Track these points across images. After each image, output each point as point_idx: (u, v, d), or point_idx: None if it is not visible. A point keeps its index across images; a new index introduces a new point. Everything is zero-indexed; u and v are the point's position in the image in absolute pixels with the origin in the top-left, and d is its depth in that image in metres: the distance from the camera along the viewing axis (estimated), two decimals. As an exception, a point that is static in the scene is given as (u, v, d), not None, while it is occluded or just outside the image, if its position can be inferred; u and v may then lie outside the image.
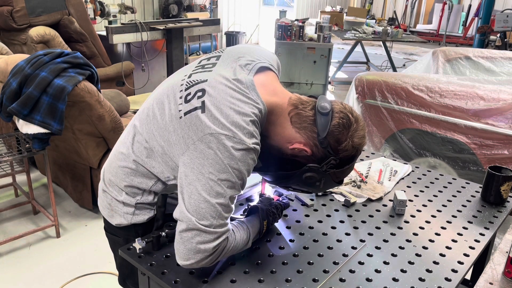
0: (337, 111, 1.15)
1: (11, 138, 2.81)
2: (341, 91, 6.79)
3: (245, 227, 1.17)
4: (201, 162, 1.01)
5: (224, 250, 1.06)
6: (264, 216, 1.24)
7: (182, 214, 1.03)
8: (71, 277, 2.42)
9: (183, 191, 1.04)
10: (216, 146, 1.01)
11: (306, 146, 1.15)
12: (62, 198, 3.24)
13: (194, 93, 1.09)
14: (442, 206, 1.55)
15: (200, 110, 1.05)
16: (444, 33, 11.61)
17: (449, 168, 2.83)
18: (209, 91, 1.08)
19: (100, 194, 1.33)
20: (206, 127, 1.02)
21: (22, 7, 4.00)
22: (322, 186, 1.20)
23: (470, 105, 2.67)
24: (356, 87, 3.23)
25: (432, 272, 1.17)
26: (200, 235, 1.01)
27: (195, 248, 1.01)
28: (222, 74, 1.13)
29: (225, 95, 1.06)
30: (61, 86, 2.38)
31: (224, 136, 1.01)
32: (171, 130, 1.09)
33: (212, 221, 1.01)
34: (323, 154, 1.15)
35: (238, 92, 1.08)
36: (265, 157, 1.19)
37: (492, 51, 3.80)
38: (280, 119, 1.16)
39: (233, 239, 1.10)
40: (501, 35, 7.85)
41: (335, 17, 7.97)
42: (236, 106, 1.05)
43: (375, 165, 1.82)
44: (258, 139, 1.07)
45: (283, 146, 1.17)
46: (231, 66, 1.16)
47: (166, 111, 1.12)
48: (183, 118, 1.07)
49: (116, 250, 1.31)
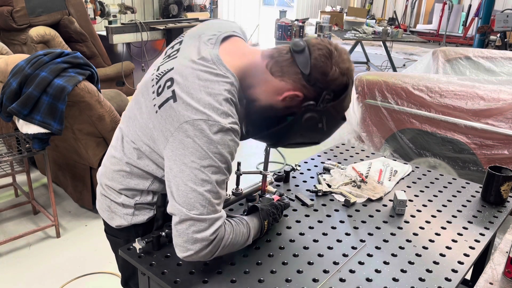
0: (313, 44, 1.10)
1: (11, 138, 2.81)
2: (341, 91, 6.79)
3: (244, 223, 1.17)
4: (181, 153, 1.01)
5: (223, 241, 1.06)
6: (264, 216, 1.24)
7: (173, 207, 1.02)
8: (71, 277, 2.42)
9: (170, 185, 1.03)
10: (193, 133, 0.99)
11: (296, 91, 1.10)
12: (62, 198, 3.24)
13: (164, 84, 1.08)
14: (442, 206, 1.55)
15: (172, 99, 1.04)
16: (444, 33, 11.61)
17: (449, 168, 2.83)
18: (177, 79, 1.06)
19: (99, 197, 1.33)
20: (180, 116, 1.01)
21: (22, 7, 4.00)
22: (326, 128, 1.14)
23: (470, 105, 2.67)
24: (356, 87, 3.23)
25: (432, 272, 1.17)
26: (194, 224, 1.00)
27: (192, 238, 1.01)
28: (187, 57, 1.11)
29: (193, 79, 1.05)
30: (61, 86, 2.38)
31: (199, 121, 0.99)
32: (151, 127, 1.10)
33: (203, 209, 1.00)
34: (315, 93, 1.10)
35: (205, 71, 1.06)
36: (261, 121, 1.16)
37: (492, 51, 3.80)
38: (259, 77, 1.12)
39: (231, 231, 1.09)
40: (501, 35, 7.84)
41: (335, 17, 7.98)
42: (206, 87, 1.03)
43: (375, 165, 1.82)
44: (235, 118, 1.05)
45: (274, 101, 1.13)
46: (195, 46, 1.14)
47: (143, 109, 1.13)
48: (158, 112, 1.07)
49: (118, 252, 1.31)
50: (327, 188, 1.60)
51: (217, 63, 1.08)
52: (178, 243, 1.03)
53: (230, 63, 1.10)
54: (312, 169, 1.79)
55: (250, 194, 1.52)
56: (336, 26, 7.73)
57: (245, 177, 1.51)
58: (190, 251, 1.02)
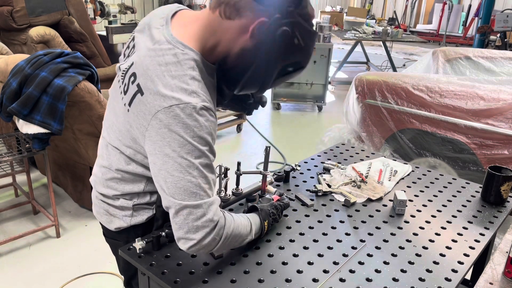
0: None
1: (11, 138, 2.81)
2: (341, 91, 6.80)
3: (245, 217, 1.17)
4: (160, 145, 0.99)
5: (225, 229, 1.04)
6: (264, 217, 1.24)
7: (166, 200, 1.01)
8: (71, 277, 2.42)
9: (158, 180, 1.02)
10: (167, 122, 0.97)
11: (258, 17, 1.03)
12: (62, 198, 3.24)
13: (128, 81, 1.07)
14: (442, 206, 1.55)
15: (139, 93, 1.02)
16: (444, 33, 11.62)
17: (449, 168, 2.84)
18: (138, 72, 1.05)
19: (95, 202, 1.32)
20: (151, 108, 0.99)
21: (22, 7, 4.00)
22: (303, 42, 1.07)
23: (470, 105, 2.67)
24: (356, 87, 3.23)
25: (432, 272, 1.17)
26: (191, 212, 0.99)
27: (193, 227, 0.99)
28: (143, 47, 1.09)
29: (153, 67, 1.02)
30: (61, 86, 2.38)
31: (171, 108, 0.97)
32: (128, 128, 1.09)
33: (195, 196, 0.99)
34: (276, 10, 1.03)
35: (163, 55, 1.03)
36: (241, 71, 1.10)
37: (492, 51, 3.80)
38: (219, 30, 1.06)
39: (232, 220, 1.08)
40: (501, 35, 7.85)
41: (335, 17, 7.98)
42: (169, 71, 1.00)
43: (375, 165, 1.82)
44: (207, 95, 1.02)
45: (243, 43, 1.06)
46: (147, 35, 1.12)
47: (118, 112, 1.12)
48: (130, 110, 1.06)
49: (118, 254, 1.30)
50: (327, 188, 1.60)
51: (173, 42, 1.04)
52: (180, 236, 1.01)
53: (186, 35, 1.06)
54: (312, 169, 1.79)
55: (250, 194, 1.52)
56: (336, 26, 7.73)
57: (245, 177, 1.51)
58: (193, 240, 1.00)
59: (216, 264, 1.15)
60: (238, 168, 1.48)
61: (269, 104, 5.99)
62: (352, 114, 3.31)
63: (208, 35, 1.07)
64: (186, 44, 1.05)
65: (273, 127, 5.20)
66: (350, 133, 3.43)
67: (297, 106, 6.05)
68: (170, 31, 1.07)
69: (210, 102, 1.03)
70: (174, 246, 1.22)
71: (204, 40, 1.07)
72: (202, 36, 1.07)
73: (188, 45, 1.05)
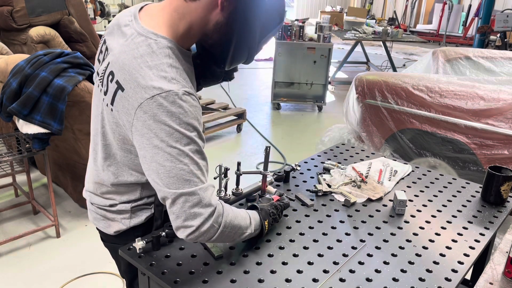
0: None
1: (11, 138, 2.81)
2: (341, 91, 6.80)
3: (243, 210, 1.17)
4: (148, 137, 0.98)
5: (223, 217, 1.04)
6: (264, 216, 1.24)
7: (161, 192, 1.01)
8: (71, 277, 2.42)
9: (150, 173, 1.01)
10: (151, 113, 0.96)
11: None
12: (62, 198, 3.24)
13: (107, 81, 1.07)
14: (442, 206, 1.55)
15: (120, 90, 1.02)
16: (444, 33, 11.62)
17: (449, 168, 2.84)
18: (115, 69, 1.04)
19: (91, 209, 1.32)
20: (134, 102, 0.99)
21: (22, 7, 4.00)
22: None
23: (470, 105, 2.67)
24: (356, 87, 3.23)
25: (432, 272, 1.17)
26: (187, 200, 0.98)
27: (191, 214, 0.99)
28: (116, 46, 1.08)
29: (129, 61, 1.01)
30: (61, 86, 2.38)
31: (153, 98, 0.96)
32: (115, 128, 1.09)
33: (189, 183, 0.99)
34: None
35: (137, 48, 1.02)
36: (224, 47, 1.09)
37: (492, 51, 3.80)
38: (187, 14, 1.05)
39: (230, 209, 1.08)
40: (501, 35, 7.85)
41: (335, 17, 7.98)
42: (145, 62, 1.00)
43: (375, 165, 1.82)
44: (186, 80, 1.02)
45: (217, 18, 1.05)
46: (118, 34, 1.11)
47: (105, 116, 1.11)
48: (113, 109, 1.05)
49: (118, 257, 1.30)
50: (327, 188, 1.60)
51: (144, 33, 1.04)
52: (179, 225, 1.00)
53: (156, 25, 1.05)
54: (312, 169, 1.79)
55: (250, 194, 1.52)
56: (336, 26, 7.73)
57: (245, 177, 1.51)
58: (192, 227, 0.99)
59: (216, 264, 1.15)
60: (238, 168, 1.48)
61: (269, 104, 6.00)
62: (352, 114, 3.31)
63: (178, 21, 1.06)
64: (158, 33, 1.04)
65: (273, 127, 5.20)
66: (350, 133, 3.43)
67: (297, 106, 6.05)
68: (140, 24, 1.07)
69: (191, 88, 1.03)
70: (174, 246, 1.22)
71: (175, 27, 1.06)
72: (172, 23, 1.06)
73: (160, 34, 1.04)
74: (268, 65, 8.23)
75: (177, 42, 1.06)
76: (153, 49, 1.01)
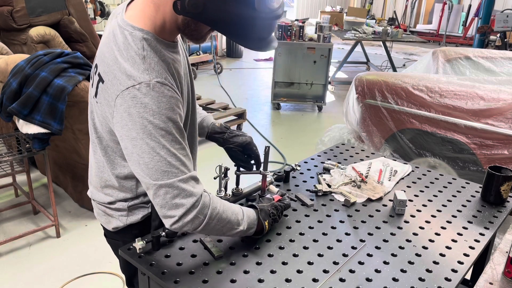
0: None
1: (11, 138, 2.81)
2: (341, 91, 6.80)
3: (238, 206, 1.17)
4: (126, 130, 1.00)
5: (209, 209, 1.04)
6: (264, 216, 1.24)
7: (143, 183, 1.03)
8: (71, 277, 2.42)
9: (132, 164, 1.03)
10: (126, 105, 0.98)
11: None
12: (62, 198, 3.24)
13: (93, 74, 1.11)
14: (442, 206, 1.55)
15: (101, 82, 1.05)
16: (444, 33, 11.62)
17: (449, 168, 2.84)
18: (98, 61, 1.08)
19: (94, 205, 1.36)
20: (111, 93, 1.01)
21: (22, 7, 4.00)
22: None
23: (470, 105, 2.67)
24: (356, 87, 3.23)
25: (432, 272, 1.17)
26: (168, 191, 1.00)
27: (173, 205, 1.00)
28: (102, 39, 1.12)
29: (109, 54, 1.04)
30: (61, 86, 2.38)
31: (127, 90, 0.98)
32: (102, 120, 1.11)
33: (168, 174, 0.99)
34: None
35: (115, 40, 1.04)
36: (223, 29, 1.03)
37: (492, 51, 3.80)
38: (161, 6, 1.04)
39: (219, 202, 1.09)
40: (501, 35, 7.85)
41: (335, 17, 7.98)
42: (121, 54, 1.02)
43: (375, 165, 1.82)
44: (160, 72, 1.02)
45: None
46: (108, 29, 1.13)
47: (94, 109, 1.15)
48: (98, 101, 1.08)
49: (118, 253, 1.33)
50: (327, 188, 1.60)
51: (123, 26, 1.05)
52: (163, 214, 1.03)
53: (136, 18, 1.06)
54: (312, 169, 1.79)
55: (250, 194, 1.52)
56: (336, 26, 7.73)
57: (245, 177, 1.51)
58: (174, 217, 1.01)
59: (216, 264, 1.15)
60: (238, 168, 1.48)
61: (269, 104, 6.00)
62: (352, 114, 3.31)
63: (154, 13, 1.06)
64: (135, 25, 1.05)
65: (273, 127, 5.20)
66: (350, 133, 3.43)
67: (297, 106, 6.05)
68: (123, 17, 1.08)
69: (167, 78, 1.03)
70: (174, 246, 1.22)
71: (152, 19, 1.06)
72: (149, 15, 1.06)
73: (137, 26, 1.05)
74: (268, 65, 8.24)
75: (156, 34, 1.06)
76: (129, 41, 1.03)
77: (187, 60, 1.27)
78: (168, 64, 1.06)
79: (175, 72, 1.09)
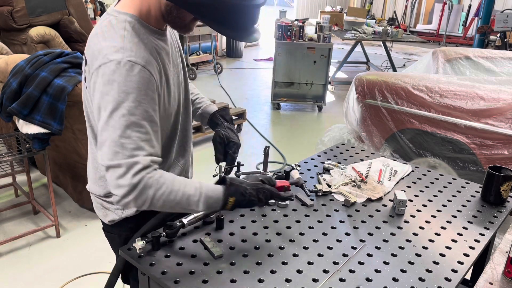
0: None
1: (11, 138, 2.81)
2: (341, 91, 6.80)
3: (196, 186, 1.10)
4: (96, 104, 1.03)
5: (150, 190, 1.02)
6: (232, 193, 1.12)
7: (99, 158, 1.05)
8: (71, 277, 2.42)
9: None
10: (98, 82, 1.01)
11: None
12: (62, 198, 3.24)
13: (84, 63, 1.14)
14: (442, 206, 1.55)
15: (86, 66, 1.09)
16: (444, 33, 11.62)
17: (449, 168, 2.84)
18: (86, 49, 1.11)
19: (93, 198, 1.40)
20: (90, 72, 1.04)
21: (22, 7, 4.00)
22: None
23: (470, 105, 2.67)
24: (356, 87, 3.23)
25: (432, 272, 1.17)
26: (114, 171, 1.02)
27: (116, 184, 1.02)
28: None
29: (93, 38, 1.08)
30: (61, 86, 2.38)
31: (99, 67, 1.01)
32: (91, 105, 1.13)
33: (117, 155, 1.01)
34: None
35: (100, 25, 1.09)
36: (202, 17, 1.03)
37: (492, 51, 3.80)
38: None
39: (168, 182, 1.05)
40: (501, 35, 7.85)
41: (335, 17, 7.97)
42: (103, 36, 1.05)
43: (375, 165, 1.82)
44: (136, 52, 1.03)
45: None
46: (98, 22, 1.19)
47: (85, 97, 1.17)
48: (87, 86, 1.11)
49: (114, 247, 1.38)
50: (327, 188, 1.60)
51: (110, 13, 1.10)
52: (112, 191, 1.05)
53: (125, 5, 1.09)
54: (312, 169, 1.79)
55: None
56: (336, 26, 7.73)
57: (245, 177, 1.51)
58: (117, 196, 1.03)
59: (216, 264, 1.15)
60: (238, 168, 1.48)
61: (269, 104, 6.00)
62: (352, 114, 3.31)
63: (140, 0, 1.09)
64: (121, 11, 1.08)
65: (273, 127, 5.20)
66: (350, 133, 3.43)
67: (297, 106, 6.05)
68: (113, 6, 1.12)
69: (144, 59, 1.04)
70: (174, 246, 1.22)
71: (139, 6, 1.09)
72: (135, 2, 1.09)
73: (122, 11, 1.08)
74: (268, 65, 8.23)
75: (142, 19, 1.09)
76: (112, 24, 1.06)
77: (180, 53, 1.29)
78: (150, 48, 1.08)
79: (158, 57, 1.11)
